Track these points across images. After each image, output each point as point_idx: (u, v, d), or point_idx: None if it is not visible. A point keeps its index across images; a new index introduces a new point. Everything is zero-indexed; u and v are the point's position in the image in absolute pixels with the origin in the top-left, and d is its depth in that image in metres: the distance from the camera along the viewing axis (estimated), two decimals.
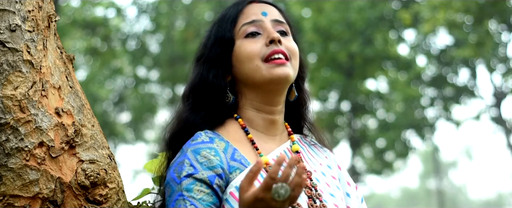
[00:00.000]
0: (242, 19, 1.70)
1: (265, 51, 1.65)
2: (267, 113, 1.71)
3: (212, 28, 1.75)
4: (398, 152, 16.63)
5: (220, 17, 1.75)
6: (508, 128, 15.39)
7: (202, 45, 1.76)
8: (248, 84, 1.68)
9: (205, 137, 1.63)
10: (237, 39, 1.69)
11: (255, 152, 1.65)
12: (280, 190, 1.30)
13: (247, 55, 1.66)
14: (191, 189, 1.53)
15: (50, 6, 1.73)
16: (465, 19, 13.03)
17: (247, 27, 1.69)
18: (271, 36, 1.66)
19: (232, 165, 1.59)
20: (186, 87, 1.75)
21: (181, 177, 1.55)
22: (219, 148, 1.61)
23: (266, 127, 1.71)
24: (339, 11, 14.18)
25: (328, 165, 1.78)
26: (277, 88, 1.67)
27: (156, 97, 18.06)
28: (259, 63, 1.65)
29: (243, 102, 1.71)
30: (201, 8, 16.09)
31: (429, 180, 43.17)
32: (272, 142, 1.70)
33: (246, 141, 1.67)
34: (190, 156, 1.58)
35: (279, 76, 1.63)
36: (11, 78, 1.57)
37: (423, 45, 16.18)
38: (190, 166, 1.56)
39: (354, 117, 16.07)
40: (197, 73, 1.72)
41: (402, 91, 15.80)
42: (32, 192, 1.57)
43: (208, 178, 1.54)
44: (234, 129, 1.69)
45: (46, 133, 1.59)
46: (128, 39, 16.70)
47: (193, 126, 1.68)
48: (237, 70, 1.69)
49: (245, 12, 1.71)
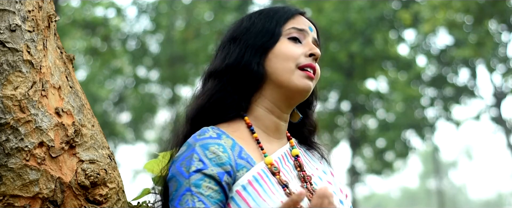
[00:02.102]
0: (292, 22, 1.73)
1: (303, 60, 1.68)
2: (276, 116, 1.71)
3: (258, 16, 1.74)
4: (398, 152, 16.63)
5: (270, 11, 1.76)
6: (508, 128, 15.39)
7: (243, 28, 1.73)
8: (272, 80, 1.68)
9: (213, 133, 1.61)
10: (282, 36, 1.71)
11: (260, 152, 1.65)
12: None
13: (287, 54, 1.68)
14: (200, 185, 1.51)
15: (50, 6, 1.73)
16: (465, 19, 13.02)
17: (294, 31, 1.72)
18: (314, 50, 1.71)
19: (239, 163, 1.58)
20: (218, 65, 1.71)
21: (190, 171, 1.53)
22: (226, 145, 1.59)
23: (271, 129, 1.71)
24: (339, 11, 14.18)
25: (324, 171, 1.79)
26: (296, 96, 1.69)
27: (156, 97, 18.05)
28: (293, 67, 1.67)
29: (256, 99, 1.70)
30: (201, 8, 16.08)
31: (429, 180, 43.17)
32: (274, 143, 1.70)
33: (251, 140, 1.66)
34: (199, 151, 1.56)
35: (304, 86, 1.67)
36: (11, 78, 1.57)
37: (423, 45, 16.18)
38: (199, 161, 1.54)
39: (354, 117, 16.07)
40: (237, 54, 1.69)
41: (402, 91, 15.80)
42: (32, 192, 1.57)
43: (217, 174, 1.53)
44: (239, 127, 1.68)
45: (46, 133, 1.59)
46: (128, 39, 16.70)
47: (223, 108, 1.66)
48: (269, 63, 1.68)
49: (296, 18, 1.75)
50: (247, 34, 1.72)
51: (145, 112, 18.10)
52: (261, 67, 1.68)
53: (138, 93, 17.68)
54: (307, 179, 1.68)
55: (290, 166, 1.68)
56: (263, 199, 1.53)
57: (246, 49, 1.69)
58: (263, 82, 1.69)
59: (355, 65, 14.89)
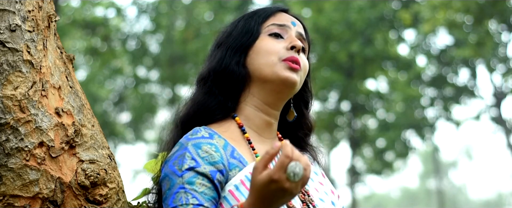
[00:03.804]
0: (272, 19, 1.76)
1: (284, 53, 1.70)
2: (265, 113, 1.72)
3: (240, 20, 1.79)
4: (398, 152, 16.64)
5: (251, 13, 1.79)
6: (508, 128, 15.39)
7: (226, 33, 1.78)
8: (256, 77, 1.70)
9: (205, 133, 1.62)
10: (261, 33, 1.74)
11: (251, 152, 1.66)
12: (295, 169, 1.32)
13: (267, 49, 1.70)
14: (193, 182, 1.52)
15: (50, 6, 1.73)
16: (465, 19, 13.03)
17: (275, 27, 1.74)
18: (294, 42, 1.71)
19: (232, 162, 1.59)
20: (203, 71, 1.76)
21: (182, 170, 1.54)
22: (219, 144, 1.60)
23: (262, 127, 1.72)
24: (339, 11, 14.18)
25: (315, 172, 1.80)
26: (282, 89, 1.70)
27: (156, 97, 18.06)
28: (275, 60, 1.69)
29: (245, 98, 1.72)
30: (201, 8, 16.09)
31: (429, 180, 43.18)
32: (266, 143, 1.71)
33: (242, 140, 1.67)
34: (191, 150, 1.57)
35: (287, 78, 1.67)
36: (11, 78, 1.57)
37: (423, 45, 16.19)
38: (192, 160, 1.55)
39: (354, 117, 16.07)
40: (218, 58, 1.74)
41: (402, 91, 15.81)
42: (32, 192, 1.57)
43: (210, 172, 1.54)
44: (230, 128, 1.69)
45: (46, 133, 1.59)
46: (128, 39, 16.70)
47: (208, 110, 1.69)
48: (252, 61, 1.71)
49: (277, 15, 1.78)
50: (229, 38, 1.76)
51: (145, 112, 18.10)
52: (242, 66, 1.71)
53: (138, 93, 17.68)
54: None
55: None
56: None
57: (227, 51, 1.73)
58: (249, 80, 1.71)
59: (355, 65, 14.89)
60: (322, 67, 15.24)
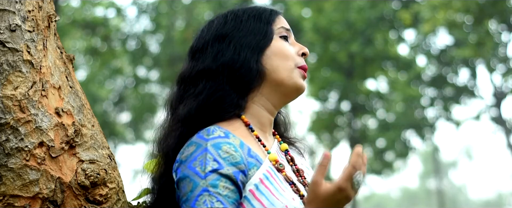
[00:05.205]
0: (279, 22, 1.75)
1: (299, 60, 1.72)
2: (270, 113, 1.72)
3: (243, 15, 1.74)
4: (398, 152, 16.64)
5: (253, 10, 1.76)
6: (508, 128, 15.39)
7: (231, 27, 1.72)
8: (272, 78, 1.69)
9: (221, 132, 1.58)
10: (275, 34, 1.73)
11: (262, 149, 1.65)
12: (359, 178, 1.42)
13: (286, 53, 1.70)
14: (217, 185, 1.49)
15: (50, 6, 1.73)
16: (465, 19, 13.04)
17: (283, 30, 1.74)
18: (305, 50, 1.74)
19: (250, 161, 1.57)
20: (209, 64, 1.68)
21: (205, 172, 1.50)
22: (236, 143, 1.58)
23: (264, 125, 1.71)
24: (339, 11, 14.19)
25: (307, 166, 1.81)
26: (293, 95, 1.72)
27: (156, 97, 18.06)
28: (293, 66, 1.70)
29: (252, 97, 1.69)
30: (201, 8, 16.09)
31: (429, 180, 43.21)
32: (269, 140, 1.72)
33: (251, 138, 1.66)
34: (212, 150, 1.53)
35: (302, 86, 1.70)
36: (11, 78, 1.57)
37: (423, 45, 16.19)
38: (214, 161, 1.52)
39: (354, 117, 16.07)
40: (232, 53, 1.68)
41: (402, 91, 15.81)
42: (32, 192, 1.57)
43: (233, 174, 1.51)
44: (238, 126, 1.67)
45: (46, 133, 1.59)
46: (128, 39, 16.71)
47: (220, 108, 1.64)
48: (269, 61, 1.69)
49: (280, 18, 1.77)
50: (238, 33, 1.71)
51: (145, 112, 18.11)
52: (260, 65, 1.68)
53: (138, 93, 17.69)
54: (301, 173, 1.70)
55: (284, 161, 1.69)
56: (276, 198, 1.53)
57: (241, 47, 1.68)
58: (262, 80, 1.69)
59: (355, 65, 14.90)
60: (322, 67, 15.25)
